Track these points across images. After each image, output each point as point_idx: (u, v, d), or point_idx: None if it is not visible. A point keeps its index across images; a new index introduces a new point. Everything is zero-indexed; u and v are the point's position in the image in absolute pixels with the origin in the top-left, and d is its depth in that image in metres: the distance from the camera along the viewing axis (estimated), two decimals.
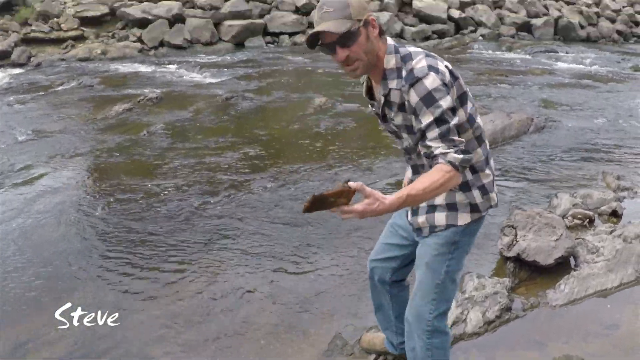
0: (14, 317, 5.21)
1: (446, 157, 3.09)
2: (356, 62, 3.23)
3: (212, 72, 16.40)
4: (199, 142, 9.82)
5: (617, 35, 32.39)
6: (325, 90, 13.63)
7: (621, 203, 7.40)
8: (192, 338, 4.83)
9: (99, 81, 15.07)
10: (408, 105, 3.22)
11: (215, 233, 6.59)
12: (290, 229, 6.72)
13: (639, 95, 15.17)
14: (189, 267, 5.86)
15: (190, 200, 7.41)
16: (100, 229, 6.69)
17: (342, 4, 3.17)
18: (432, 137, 3.13)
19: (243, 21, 22.43)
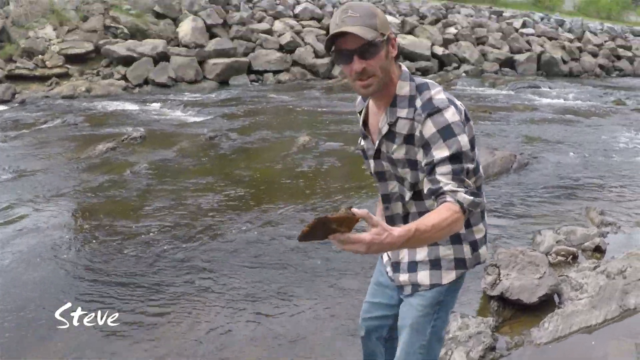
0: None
1: (456, 195, 2.83)
2: (371, 77, 3.00)
3: (196, 111, 16.44)
4: (182, 182, 9.80)
5: (600, 70, 32.77)
6: (308, 129, 13.69)
7: (604, 238, 7.44)
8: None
9: (83, 119, 15.05)
10: (419, 136, 3.01)
11: (196, 274, 6.55)
12: (271, 271, 6.68)
13: (621, 129, 15.31)
14: (169, 309, 5.81)
15: (172, 242, 7.36)
16: (80, 270, 6.63)
17: (369, 12, 2.97)
18: (442, 172, 2.89)
19: (227, 59, 22.57)
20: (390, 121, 3.11)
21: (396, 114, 3.10)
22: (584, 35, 35.19)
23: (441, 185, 2.84)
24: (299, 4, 27.49)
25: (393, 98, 3.12)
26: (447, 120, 2.94)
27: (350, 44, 2.92)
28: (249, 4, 26.37)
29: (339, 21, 2.94)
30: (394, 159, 3.18)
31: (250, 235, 7.60)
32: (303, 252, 7.07)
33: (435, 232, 2.70)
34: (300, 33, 25.23)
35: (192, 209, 8.50)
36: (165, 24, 23.70)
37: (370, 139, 3.32)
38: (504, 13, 35.39)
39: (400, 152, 3.14)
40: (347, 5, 2.98)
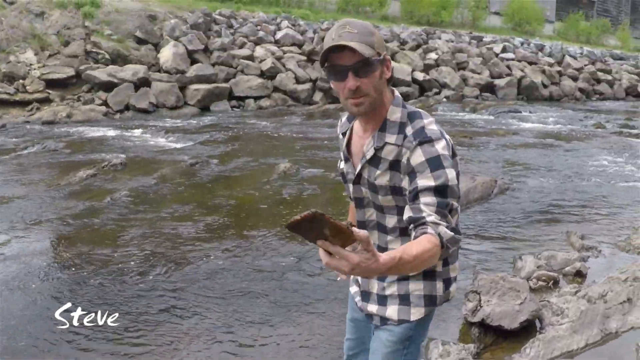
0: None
1: (437, 228, 2.74)
2: (364, 97, 2.93)
3: (177, 137, 16.41)
4: (162, 210, 9.76)
5: (580, 93, 33.04)
6: (289, 156, 13.69)
7: (585, 263, 7.46)
8: None
9: (64, 145, 15.00)
10: (406, 164, 2.94)
11: (176, 304, 6.50)
12: (250, 300, 6.65)
13: (601, 153, 15.41)
14: (148, 340, 5.76)
15: (151, 271, 7.29)
16: (58, 299, 6.55)
17: (367, 30, 2.91)
18: (426, 202, 2.81)
19: (208, 85, 22.59)
20: (378, 146, 3.04)
21: (384, 139, 3.04)
22: (564, 60, 35.44)
23: (424, 215, 2.77)
24: (280, 29, 27.52)
25: (383, 122, 3.07)
26: (438, 151, 2.90)
27: (346, 59, 2.86)
28: (230, 30, 26.38)
29: (335, 36, 2.86)
30: (377, 185, 3.09)
31: (229, 264, 7.56)
32: (282, 281, 7.06)
33: (417, 263, 2.61)
34: (282, 59, 25.26)
35: (171, 237, 8.46)
36: (147, 50, 23.68)
37: (351, 162, 3.24)
38: (484, 38, 35.55)
39: (383, 179, 3.05)
40: (345, 21, 2.94)
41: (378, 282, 3.30)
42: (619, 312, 5.95)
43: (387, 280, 3.24)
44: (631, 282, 6.46)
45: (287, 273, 7.28)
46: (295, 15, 30.24)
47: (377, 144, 3.04)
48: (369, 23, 3.00)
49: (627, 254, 8.03)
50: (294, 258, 7.74)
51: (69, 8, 23.65)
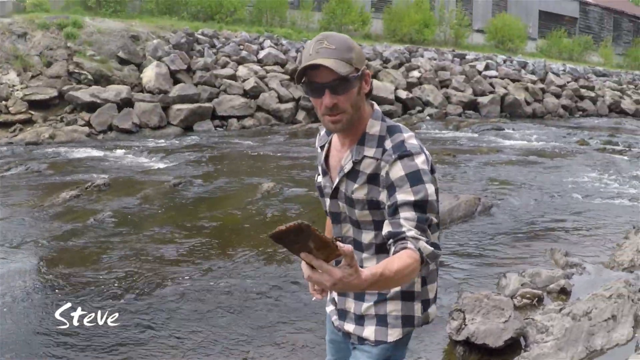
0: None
1: (417, 243, 2.68)
2: (341, 114, 2.91)
3: (160, 157, 16.39)
4: (145, 230, 9.72)
5: (563, 110, 33.18)
6: (273, 175, 13.69)
7: (570, 280, 7.45)
8: None
9: (47, 166, 14.95)
10: (384, 177, 2.89)
11: (157, 324, 6.49)
12: (233, 319, 6.66)
13: (585, 169, 15.45)
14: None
15: (133, 292, 7.27)
16: (40, 321, 6.52)
17: (345, 45, 2.87)
18: (406, 217, 2.76)
19: (191, 105, 22.57)
20: (356, 159, 3.02)
21: (363, 152, 3.01)
22: (547, 77, 35.58)
23: (404, 230, 2.72)
24: (262, 49, 27.53)
25: (362, 136, 3.04)
26: (417, 165, 2.86)
27: (323, 77, 2.83)
28: (212, 50, 26.37)
29: (312, 52, 2.84)
30: (354, 199, 3.05)
31: (212, 284, 7.56)
32: (265, 300, 7.08)
33: (397, 278, 2.56)
34: (264, 78, 25.27)
35: (154, 258, 8.43)
36: (129, 70, 23.64)
37: (329, 176, 3.22)
38: (467, 56, 35.62)
39: (361, 192, 3.02)
40: (323, 35, 2.90)
41: (355, 301, 3.24)
42: (604, 330, 5.96)
43: (365, 300, 3.19)
44: (615, 299, 6.46)
45: (269, 292, 7.29)
46: (278, 35, 30.28)
47: (356, 157, 3.02)
48: (347, 37, 2.95)
49: (612, 270, 8.03)
50: (276, 278, 7.75)
51: (51, 29, 23.60)
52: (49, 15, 25.13)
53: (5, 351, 5.83)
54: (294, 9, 37.09)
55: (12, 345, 5.98)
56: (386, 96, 27.03)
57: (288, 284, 7.52)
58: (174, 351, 5.92)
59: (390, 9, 40.96)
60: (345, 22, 37.03)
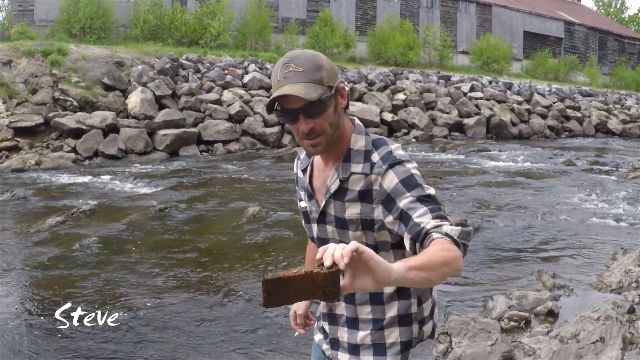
0: None
1: (441, 229, 2.49)
2: (320, 136, 2.76)
3: (146, 183, 16.37)
4: (131, 255, 9.70)
5: (549, 131, 33.27)
6: (258, 199, 13.70)
7: (557, 302, 7.43)
8: None
9: (33, 193, 14.90)
10: (378, 190, 2.75)
11: (145, 349, 6.47)
12: (221, 344, 6.66)
13: (572, 190, 15.49)
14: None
15: (119, 318, 7.22)
16: (25, 347, 6.47)
17: (313, 65, 2.71)
18: (419, 214, 2.58)
19: (177, 130, 22.54)
20: (343, 177, 2.85)
21: (350, 169, 2.86)
22: (533, 97, 35.70)
23: (422, 226, 2.54)
24: (247, 73, 27.59)
25: (346, 152, 2.89)
26: (410, 170, 2.73)
27: (294, 102, 2.70)
28: (197, 75, 26.42)
29: (280, 77, 2.72)
30: (346, 219, 2.87)
31: (198, 310, 7.55)
32: (253, 324, 7.06)
33: (440, 274, 2.36)
34: (250, 102, 25.32)
35: (140, 284, 8.42)
36: (115, 96, 23.65)
37: (315, 199, 3.03)
38: (452, 77, 35.75)
39: (352, 211, 2.85)
40: (288, 57, 2.76)
41: (349, 330, 3.05)
42: (592, 352, 5.94)
43: (360, 329, 2.98)
44: (603, 320, 6.45)
45: (257, 317, 7.29)
46: (262, 59, 30.36)
47: (343, 175, 2.86)
48: (314, 54, 2.79)
49: (599, 292, 8.02)
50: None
51: (36, 56, 23.63)
52: (34, 42, 25.21)
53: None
54: (277, 32, 37.29)
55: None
56: (372, 119, 27.09)
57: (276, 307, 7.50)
58: None
59: (374, 32, 41.20)
60: (330, 46, 37.19)
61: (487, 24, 52.09)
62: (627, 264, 8.74)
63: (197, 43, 31.85)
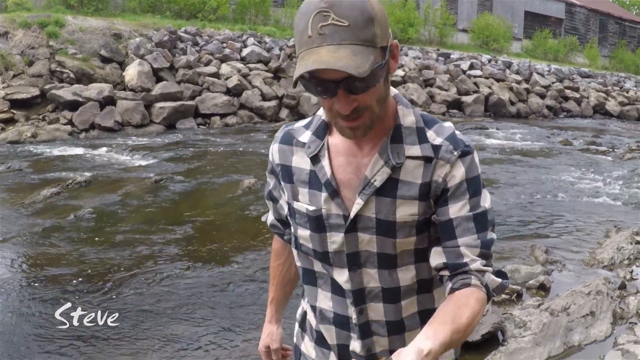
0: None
1: (484, 277, 2.06)
2: (363, 115, 1.96)
3: (142, 155, 16.35)
4: (126, 226, 9.72)
5: (547, 111, 33.19)
6: (254, 172, 13.70)
7: (549, 276, 7.47)
8: None
9: (28, 165, 14.87)
10: (439, 183, 2.08)
11: (141, 318, 6.48)
12: (218, 312, 6.69)
13: (568, 169, 15.51)
14: (117, 352, 5.74)
15: (115, 287, 7.27)
16: (21, 317, 6.49)
17: (363, 16, 1.84)
18: (467, 243, 2.06)
19: (174, 103, 22.47)
20: (397, 162, 2.08)
21: (403, 152, 2.10)
22: (532, 77, 35.61)
23: (466, 261, 2.06)
24: (246, 47, 27.44)
25: (393, 130, 2.13)
26: (478, 167, 2.15)
27: (333, 73, 1.84)
28: (195, 47, 26.28)
29: (313, 32, 1.84)
30: (397, 223, 2.11)
31: (195, 278, 7.58)
32: (248, 293, 7.06)
33: (467, 334, 1.97)
34: (248, 76, 25.25)
35: (136, 252, 8.44)
36: (112, 68, 23.53)
37: (340, 199, 2.15)
38: (452, 55, 35.59)
39: (407, 211, 2.11)
40: (326, 3, 1.84)
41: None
42: (582, 325, 5.97)
43: None
44: (594, 295, 6.47)
45: (256, 286, 7.34)
46: (262, 33, 30.18)
47: (396, 160, 2.09)
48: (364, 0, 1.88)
49: (591, 268, 8.06)
50: (259, 270, 7.78)
51: (32, 28, 23.46)
52: (31, 14, 25.00)
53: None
54: (277, 6, 37.03)
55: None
56: None
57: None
58: (158, 343, 5.90)
59: None
60: None
61: (489, 3, 51.85)
62: (620, 242, 8.76)
63: (196, 16, 31.64)
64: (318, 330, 2.45)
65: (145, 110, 22.04)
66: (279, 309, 2.89)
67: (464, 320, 1.90)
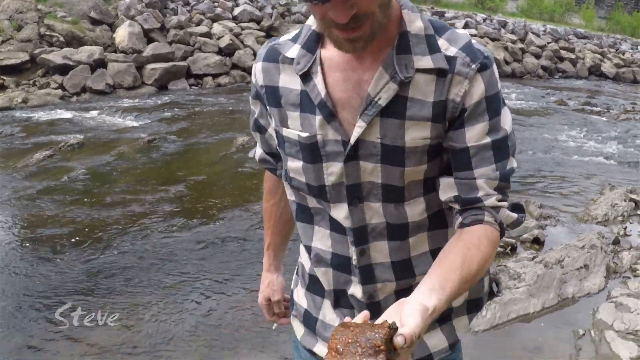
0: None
1: (498, 213, 1.84)
2: (364, 24, 1.66)
3: (134, 116, 16.24)
4: (120, 185, 9.73)
5: (542, 71, 33.08)
6: (247, 130, 13.51)
7: (543, 230, 7.54)
8: None
9: (20, 130, 14.77)
10: (458, 102, 1.80)
11: (138, 275, 6.53)
12: (211, 265, 6.79)
13: (562, 128, 15.59)
14: (113, 311, 5.76)
15: (111, 243, 7.32)
16: (17, 276, 6.52)
17: None
18: (484, 174, 1.82)
19: (165, 64, 22.28)
20: (406, 77, 1.78)
21: (412, 63, 1.79)
22: (527, 37, 35.41)
23: (479, 195, 1.82)
24: (237, 6, 27.21)
25: (398, 38, 1.81)
26: (498, 83, 1.88)
27: None
28: (186, 7, 26.05)
29: None
30: (406, 149, 1.83)
31: (189, 234, 7.66)
32: (241, 248, 7.14)
33: (477, 279, 1.76)
34: (240, 35, 25.07)
35: (130, 211, 8.50)
36: (102, 30, 23.32)
37: (338, 122, 1.86)
38: (446, 14, 35.43)
39: (418, 134, 1.82)
40: None
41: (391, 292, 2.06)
42: (576, 278, 6.01)
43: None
44: (588, 249, 6.52)
45: (250, 242, 7.43)
46: None
47: (404, 73, 1.78)
48: None
49: (585, 223, 8.15)
50: (254, 226, 7.89)
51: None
52: None
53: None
54: None
55: None
56: None
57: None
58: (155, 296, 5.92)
59: None
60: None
61: None
62: (614, 199, 8.82)
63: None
64: (312, 274, 2.20)
65: (137, 72, 21.83)
66: (277, 256, 2.62)
67: (474, 267, 1.70)
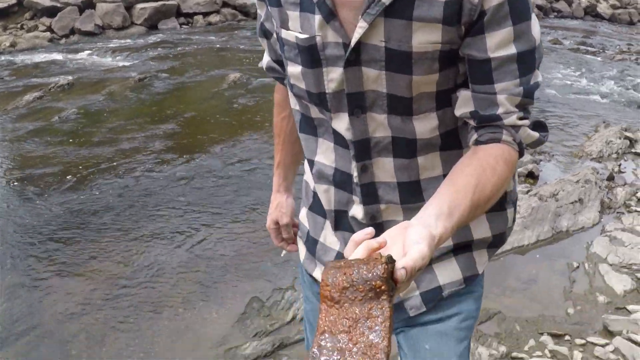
0: None
1: (518, 132, 1.61)
2: None
3: (124, 56, 16.17)
4: (112, 123, 9.67)
5: (537, 10, 32.78)
6: (239, 66, 13.62)
7: (538, 165, 7.55)
8: (110, 313, 4.74)
9: (9, 73, 14.66)
10: (476, 5, 1.48)
11: (130, 211, 6.52)
12: (203, 198, 6.81)
13: (557, 67, 15.60)
14: (105, 247, 5.77)
15: (102, 181, 7.29)
16: (8, 215, 6.51)
17: None
18: (506, 90, 1.57)
19: (155, 3, 21.96)
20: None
21: None
22: None
23: (499, 113, 1.58)
24: None
25: None
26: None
27: None
28: None
29: None
30: (413, 54, 1.56)
31: (182, 170, 7.66)
32: (235, 186, 7.14)
33: (492, 202, 1.56)
34: None
35: (122, 149, 8.46)
36: None
37: (338, 21, 1.59)
38: None
39: (427, 37, 1.54)
40: None
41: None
42: (570, 212, 6.04)
43: None
44: (583, 183, 6.55)
45: (243, 175, 7.46)
46: None
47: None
48: None
49: (579, 160, 8.17)
50: (247, 159, 7.94)
51: None
52: None
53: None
54: None
55: None
56: None
57: (261, 164, 7.75)
58: (150, 233, 5.93)
59: None
60: None
61: None
62: (609, 136, 8.83)
63: None
64: (314, 191, 2.02)
65: (126, 11, 21.52)
66: (287, 176, 2.39)
67: (487, 191, 1.49)
